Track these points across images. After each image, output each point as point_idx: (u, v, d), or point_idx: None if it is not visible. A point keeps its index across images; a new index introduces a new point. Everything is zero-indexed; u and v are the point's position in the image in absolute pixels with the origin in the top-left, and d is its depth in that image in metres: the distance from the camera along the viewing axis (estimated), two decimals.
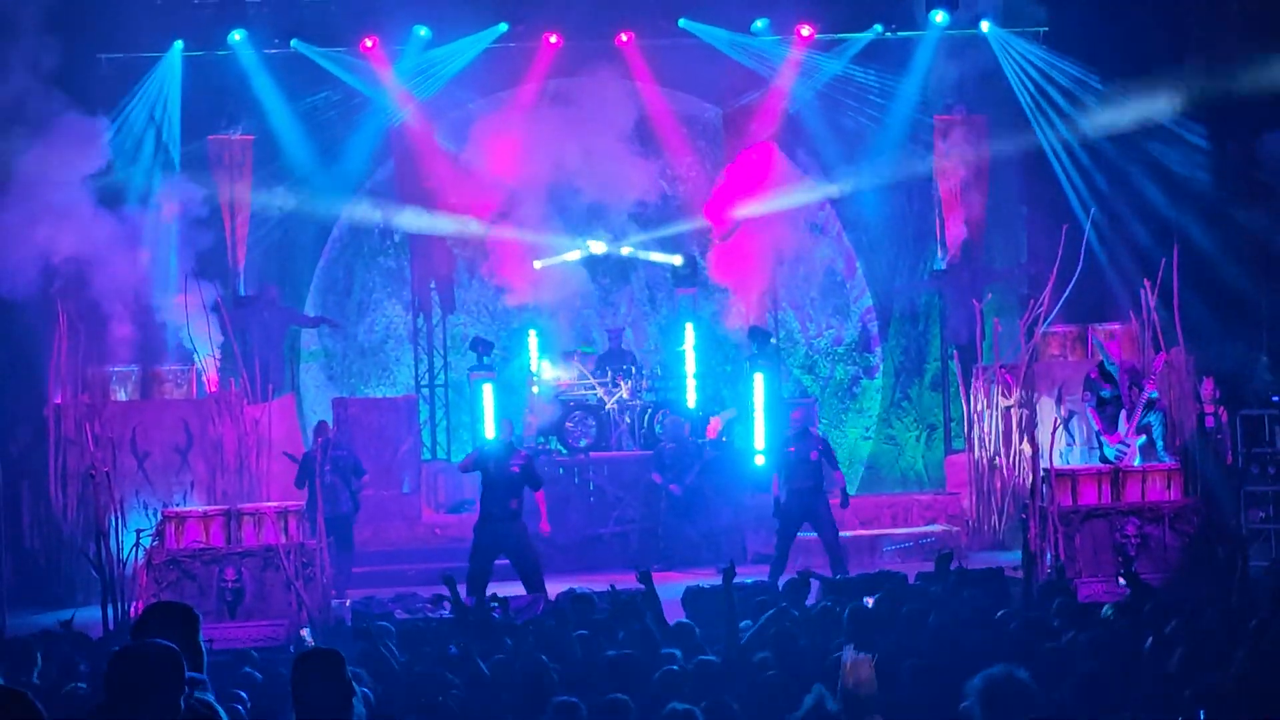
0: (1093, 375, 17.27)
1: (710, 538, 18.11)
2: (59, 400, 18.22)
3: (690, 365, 20.96)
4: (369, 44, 21.31)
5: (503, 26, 21.36)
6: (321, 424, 17.73)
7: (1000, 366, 19.20)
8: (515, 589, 15.37)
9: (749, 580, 15.32)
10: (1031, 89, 22.00)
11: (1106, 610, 10.35)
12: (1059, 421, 18.75)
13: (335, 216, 22.80)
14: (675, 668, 8.41)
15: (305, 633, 13.41)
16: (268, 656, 12.26)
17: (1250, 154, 20.45)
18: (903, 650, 8.52)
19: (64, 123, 17.96)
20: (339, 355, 23.08)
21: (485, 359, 20.73)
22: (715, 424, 18.73)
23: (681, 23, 21.47)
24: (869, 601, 11.11)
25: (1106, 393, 17.00)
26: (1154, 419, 16.92)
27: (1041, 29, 21.72)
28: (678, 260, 22.01)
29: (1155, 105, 20.69)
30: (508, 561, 15.76)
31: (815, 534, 16.79)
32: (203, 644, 6.06)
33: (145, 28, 19.95)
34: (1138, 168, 20.81)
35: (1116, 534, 15.33)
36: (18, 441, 18.56)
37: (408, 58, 21.66)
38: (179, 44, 20.61)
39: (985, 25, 21.50)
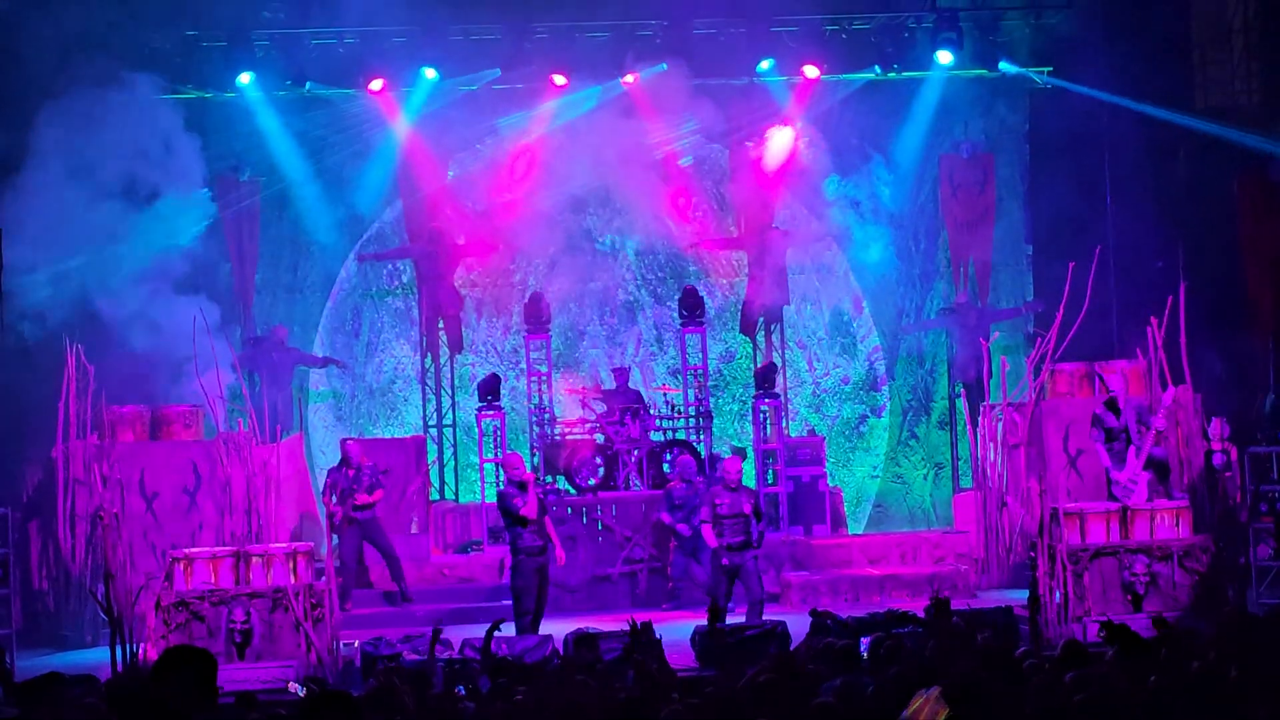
0: (1098, 411, 17.28)
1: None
2: (68, 441, 18.23)
3: (698, 405, 20.94)
4: (377, 85, 21.41)
5: (496, 71, 21.50)
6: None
7: (1008, 405, 19.20)
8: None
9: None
10: (1033, 128, 22.14)
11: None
12: (1067, 459, 18.74)
13: (343, 257, 22.87)
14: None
15: (293, 686, 13.31)
16: (275, 699, 12.27)
17: (1258, 187, 20.54)
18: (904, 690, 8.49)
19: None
20: (347, 396, 23.09)
21: (491, 399, 20.69)
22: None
23: (697, 66, 21.46)
24: (865, 642, 11.13)
25: (1113, 428, 16.98)
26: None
27: (1047, 69, 21.84)
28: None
29: (1161, 141, 20.81)
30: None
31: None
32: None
33: (153, 70, 19.99)
34: (1143, 204, 20.90)
35: (1125, 572, 15.33)
36: (27, 482, 18.59)
37: (415, 99, 21.78)
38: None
39: (1001, 65, 21.67)
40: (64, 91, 18.34)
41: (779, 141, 22.07)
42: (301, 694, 12.34)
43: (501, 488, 17.09)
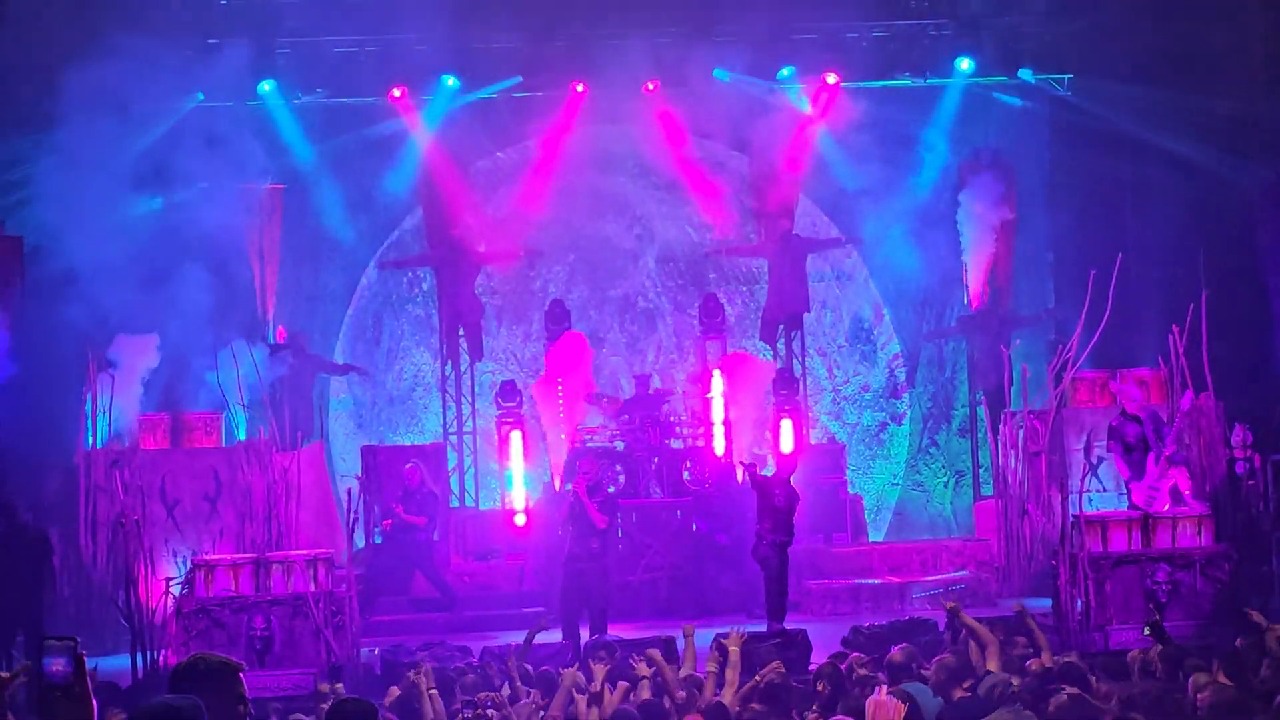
0: (1114, 424, 17.22)
1: (746, 584, 17.99)
2: (89, 448, 18.27)
3: (719, 412, 20.90)
4: (397, 93, 21.46)
5: (517, 79, 21.53)
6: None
7: (1029, 412, 19.15)
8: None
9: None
10: (1054, 134, 22.09)
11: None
12: (1088, 467, 18.69)
13: (364, 264, 22.91)
14: None
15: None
16: (294, 706, 12.27)
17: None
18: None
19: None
20: (368, 403, 23.12)
21: (510, 404, 20.67)
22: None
23: (717, 73, 21.53)
24: (895, 651, 11.09)
25: (1130, 441, 16.92)
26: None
27: (1067, 76, 21.80)
28: None
29: (1182, 147, 20.74)
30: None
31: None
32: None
33: (175, 77, 20.02)
34: (1165, 210, 20.85)
35: (1147, 580, 15.25)
36: (48, 489, 18.61)
37: (436, 107, 21.82)
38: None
39: (1021, 73, 21.66)
40: (86, 92, 18.35)
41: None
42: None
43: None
